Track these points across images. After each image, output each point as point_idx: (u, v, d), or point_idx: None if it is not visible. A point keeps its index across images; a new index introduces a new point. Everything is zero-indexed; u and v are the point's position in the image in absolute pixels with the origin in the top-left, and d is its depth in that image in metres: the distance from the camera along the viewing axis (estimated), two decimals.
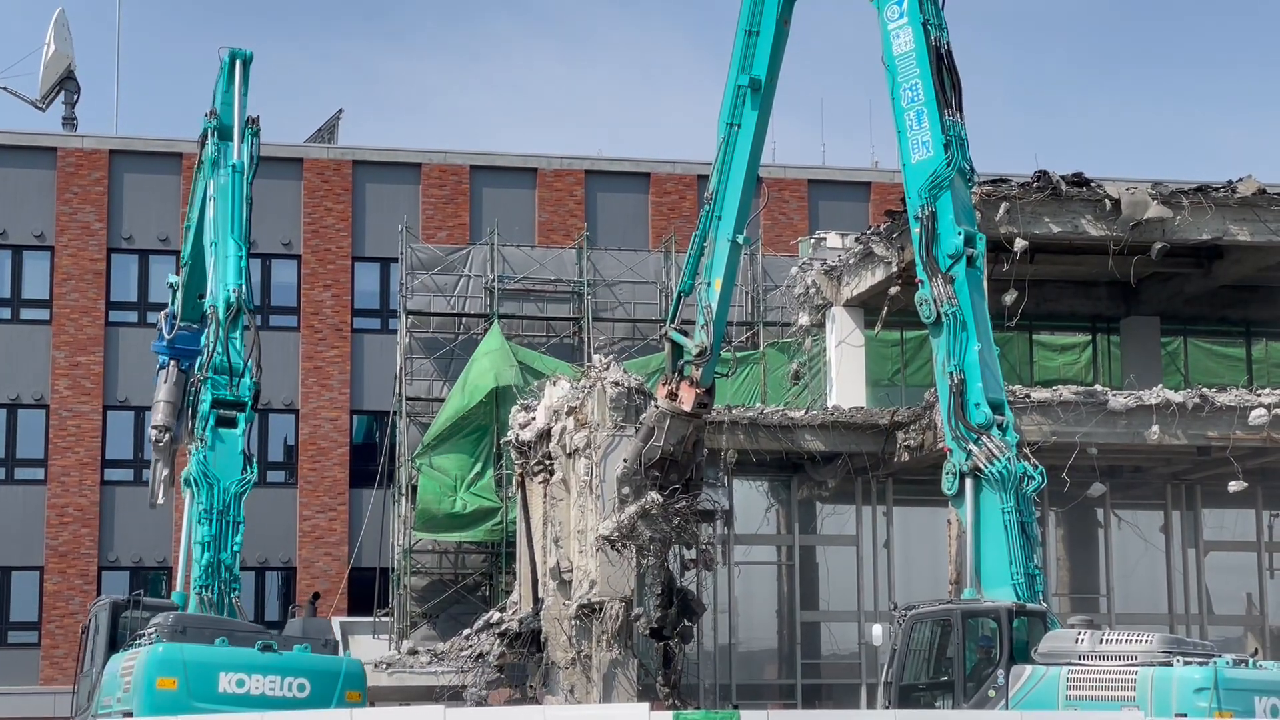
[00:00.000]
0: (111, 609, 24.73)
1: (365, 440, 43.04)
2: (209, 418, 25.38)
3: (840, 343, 35.36)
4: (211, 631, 23.40)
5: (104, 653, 24.41)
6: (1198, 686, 21.32)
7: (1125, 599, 34.70)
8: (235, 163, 26.77)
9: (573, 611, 29.81)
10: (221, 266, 26.05)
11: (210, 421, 25.28)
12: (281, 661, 23.17)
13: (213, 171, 26.80)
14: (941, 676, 23.51)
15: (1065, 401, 30.47)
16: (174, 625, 23.30)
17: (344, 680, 23.65)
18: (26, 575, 41.62)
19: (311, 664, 23.50)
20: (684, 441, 27.83)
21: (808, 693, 33.29)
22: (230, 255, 26.02)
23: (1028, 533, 23.75)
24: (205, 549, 24.88)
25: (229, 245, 26.14)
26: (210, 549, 24.85)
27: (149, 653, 22.79)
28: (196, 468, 25.13)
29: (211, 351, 25.52)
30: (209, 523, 24.92)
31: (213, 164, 26.83)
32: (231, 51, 27.66)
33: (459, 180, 44.09)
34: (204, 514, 24.97)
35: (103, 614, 25.03)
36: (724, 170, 27.10)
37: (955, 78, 25.21)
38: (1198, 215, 32.42)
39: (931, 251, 24.63)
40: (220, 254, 26.12)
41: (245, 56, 27.68)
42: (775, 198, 43.06)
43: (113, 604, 24.80)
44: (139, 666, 22.72)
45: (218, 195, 26.46)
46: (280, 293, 43.52)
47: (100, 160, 42.96)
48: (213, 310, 25.75)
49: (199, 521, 25.00)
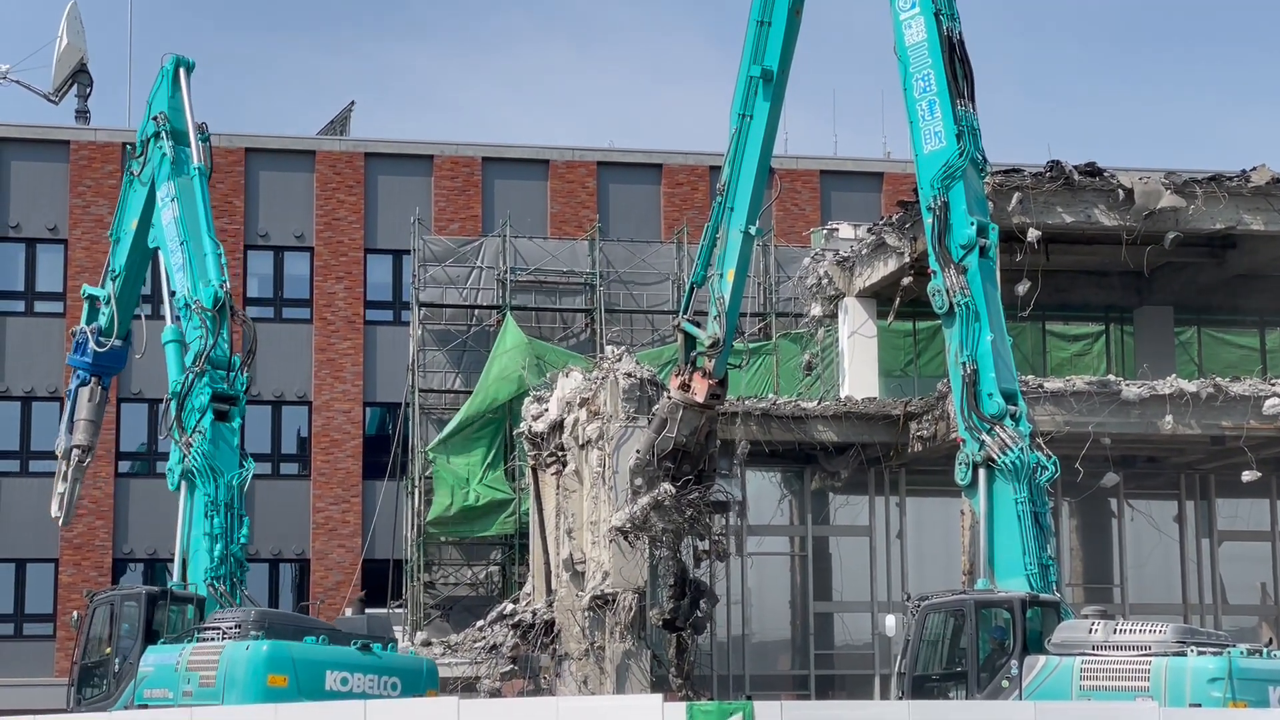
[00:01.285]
0: (148, 600, 24.72)
1: (378, 432, 43.09)
2: (207, 411, 25.39)
3: (853, 333, 35.34)
4: (294, 628, 23.84)
5: (140, 644, 24.35)
6: (1212, 676, 21.32)
7: (1139, 589, 34.67)
8: (199, 165, 27.03)
9: (586, 603, 29.84)
10: (199, 264, 26.17)
11: (209, 415, 25.37)
12: (377, 661, 23.66)
13: (169, 175, 26.83)
14: (955, 667, 23.52)
15: (1078, 391, 30.44)
16: (259, 621, 23.60)
17: (426, 678, 24.34)
18: (41, 567, 41.72)
19: (401, 663, 24.17)
20: (697, 433, 27.83)
21: (821, 683, 33.31)
22: (209, 253, 26.22)
23: (1041, 523, 23.75)
24: (216, 540, 25.01)
25: (205, 244, 26.33)
26: (221, 541, 24.97)
27: (255, 649, 22.83)
28: (200, 461, 25.21)
29: (209, 346, 25.56)
30: (217, 514, 25.05)
31: (169, 168, 26.85)
32: (175, 59, 27.94)
33: (471, 172, 44.10)
34: (210, 506, 25.11)
35: (129, 606, 24.96)
36: (736, 161, 27.10)
37: (967, 68, 25.19)
38: (1211, 205, 32.37)
39: (944, 242, 24.62)
40: (194, 253, 26.23)
41: (189, 64, 27.98)
42: (787, 188, 43.02)
43: (149, 595, 24.79)
44: (245, 662, 22.71)
45: (180, 198, 26.59)
46: (293, 285, 43.58)
47: (113, 153, 43.02)
48: (196, 305, 25.76)
49: (205, 514, 25.10)
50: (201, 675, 23.08)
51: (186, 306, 25.86)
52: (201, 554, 25.07)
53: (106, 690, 24.58)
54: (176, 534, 25.47)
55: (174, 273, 26.33)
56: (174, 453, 25.59)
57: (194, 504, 25.30)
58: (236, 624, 23.57)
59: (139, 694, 23.81)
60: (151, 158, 27.30)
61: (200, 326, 25.76)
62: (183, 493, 25.33)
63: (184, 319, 26.11)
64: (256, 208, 43.35)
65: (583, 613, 30.03)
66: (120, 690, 24.32)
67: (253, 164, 43.45)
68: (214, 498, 25.09)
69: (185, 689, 23.13)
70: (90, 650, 25.19)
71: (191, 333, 25.94)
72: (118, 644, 24.71)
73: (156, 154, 27.19)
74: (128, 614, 24.90)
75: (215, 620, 24.10)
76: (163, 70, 27.91)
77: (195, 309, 25.76)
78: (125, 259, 28.32)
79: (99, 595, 25.72)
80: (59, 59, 45.93)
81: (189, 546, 25.19)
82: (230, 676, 22.73)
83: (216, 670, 22.90)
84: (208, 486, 25.15)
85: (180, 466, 25.38)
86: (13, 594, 42.07)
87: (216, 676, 22.85)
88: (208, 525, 25.07)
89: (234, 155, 43.30)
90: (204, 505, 25.14)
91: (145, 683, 23.83)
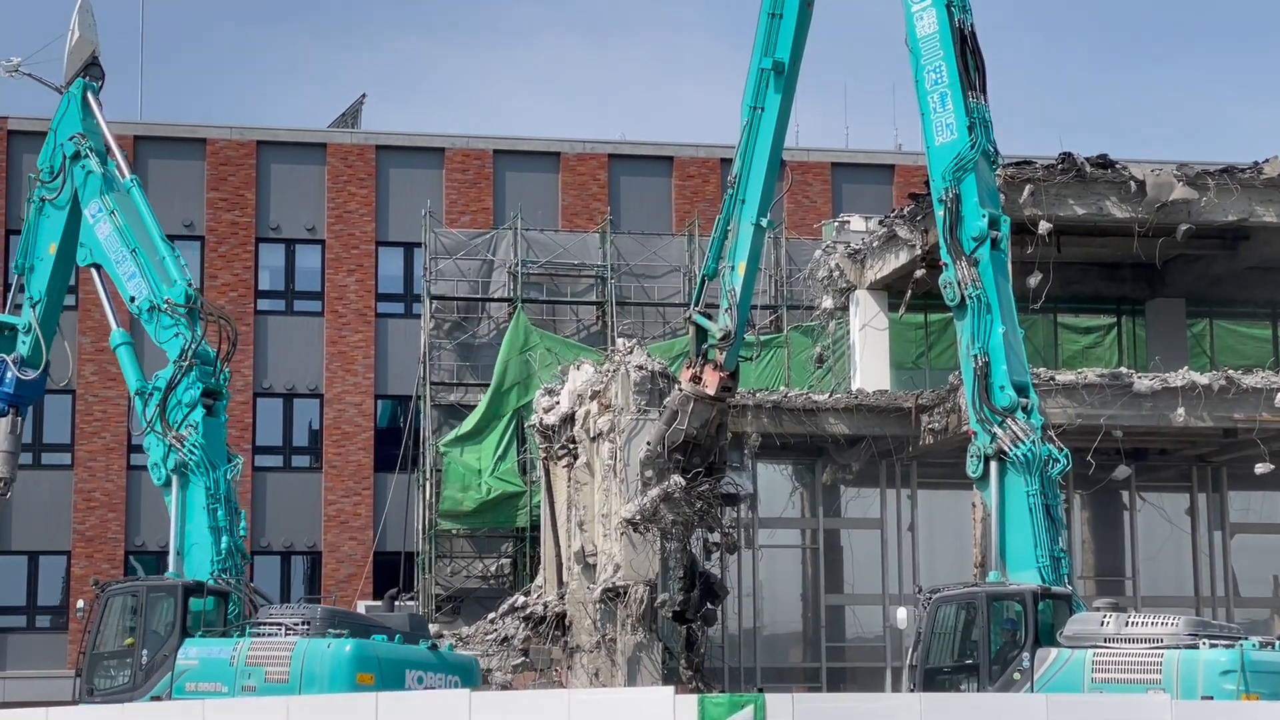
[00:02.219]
0: (185, 592, 24.83)
1: (389, 425, 43.12)
2: (197, 405, 25.63)
3: (864, 326, 35.34)
4: (360, 625, 24.13)
5: (176, 636, 24.40)
6: (1224, 669, 21.29)
7: (1151, 582, 34.66)
8: (132, 176, 27.45)
9: (597, 595, 29.87)
10: (157, 268, 26.38)
11: (200, 409, 25.62)
12: (442, 660, 24.01)
13: (99, 191, 27.06)
14: (966, 660, 23.51)
15: (1090, 384, 30.41)
16: (328, 618, 23.88)
17: (475, 676, 24.71)
18: (54, 560, 41.80)
19: (458, 661, 24.49)
20: (707, 425, 27.84)
21: (832, 676, 33.32)
22: (166, 255, 26.47)
23: (1053, 515, 23.73)
24: (220, 534, 25.23)
25: (159, 248, 26.58)
26: (225, 533, 25.20)
27: (340, 647, 23.06)
28: (198, 454, 25.39)
29: (195, 340, 25.80)
30: (219, 506, 25.30)
31: (99, 184, 27.10)
32: (82, 83, 28.66)
33: (482, 165, 44.09)
34: (211, 498, 25.33)
35: (160, 597, 24.99)
36: (747, 154, 27.10)
37: (979, 60, 25.15)
38: (1223, 196, 32.32)
39: (955, 234, 24.60)
40: (149, 258, 26.45)
41: (95, 87, 28.64)
42: (798, 181, 42.96)
43: (185, 587, 24.85)
44: (330, 660, 22.89)
45: (120, 210, 26.82)
46: (304, 278, 43.60)
47: (125, 146, 42.84)
48: (169, 304, 25.96)
49: (207, 507, 25.30)
50: (268, 670, 23.25)
51: (153, 309, 26.04)
52: (205, 547, 25.18)
53: (131, 682, 24.50)
54: (171, 528, 25.57)
55: (124, 282, 26.53)
56: (157, 449, 25.70)
57: (190, 498, 25.43)
58: (304, 621, 23.83)
59: (178, 687, 23.85)
60: (73, 178, 27.54)
61: (175, 325, 25.96)
62: (175, 487, 25.46)
63: (151, 321, 26.24)
64: (268, 200, 43.38)
65: (594, 605, 30.06)
66: (151, 683, 24.29)
67: (264, 157, 43.47)
68: (214, 490, 25.27)
69: (246, 684, 23.24)
70: (104, 640, 25.17)
71: (164, 332, 26.10)
72: (143, 635, 24.67)
73: (80, 174, 27.46)
74: (158, 606, 24.94)
75: (272, 616, 24.33)
76: (67, 95, 28.66)
77: (168, 309, 25.94)
78: (47, 284, 28.32)
79: (113, 585, 25.69)
80: (70, 52, 45.78)
81: (186, 540, 25.32)
82: (310, 673, 22.90)
83: (290, 666, 23.08)
84: (207, 479, 25.35)
85: (170, 461, 25.52)
86: (24, 586, 42.16)
87: (291, 672, 23.03)
88: (210, 518, 25.24)
89: (245, 148, 43.34)
90: (205, 498, 25.30)
91: (188, 676, 23.87)
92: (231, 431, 42.31)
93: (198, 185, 43.08)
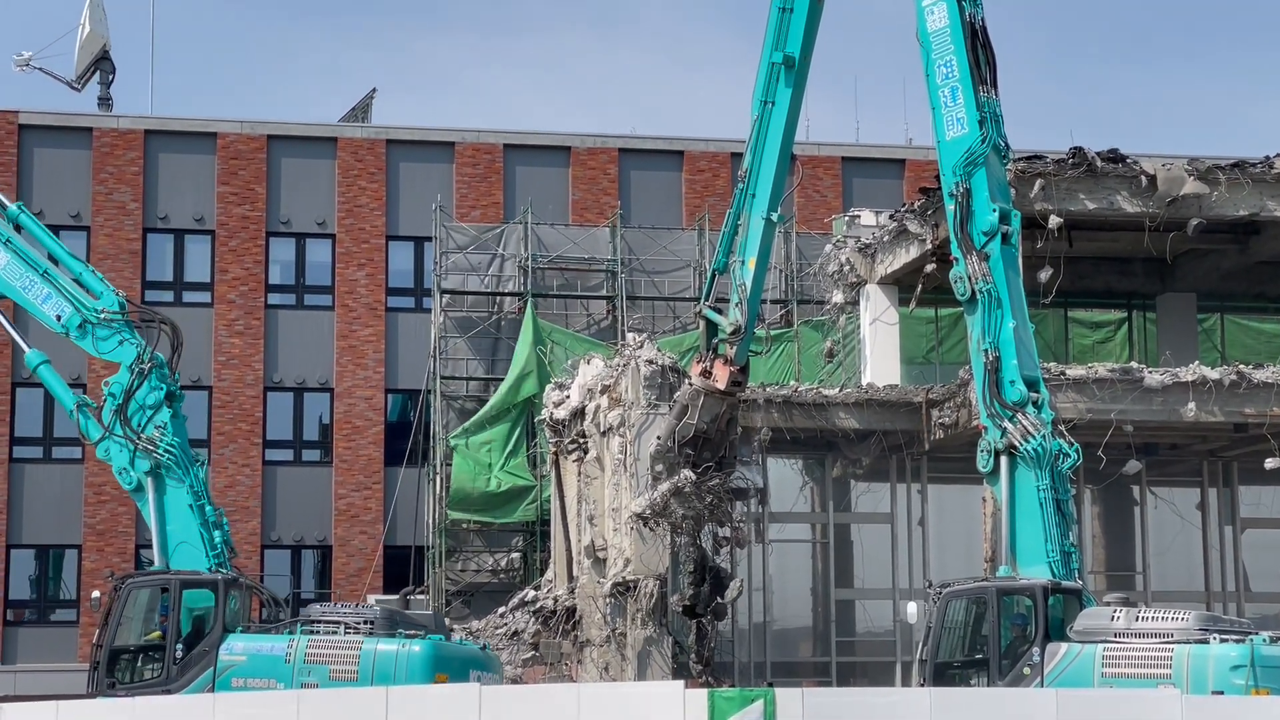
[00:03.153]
0: (224, 586, 24.97)
1: (400, 419, 43.15)
2: (161, 407, 25.91)
3: (874, 320, 35.32)
4: (410, 624, 24.62)
5: (218, 631, 24.53)
6: (1234, 664, 21.30)
7: (1161, 576, 34.62)
8: (17, 204, 27.78)
9: (607, 589, 29.89)
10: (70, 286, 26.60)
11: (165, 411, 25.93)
12: (488, 658, 25.00)
13: None
14: (977, 654, 23.52)
15: (1101, 379, 30.39)
16: (389, 617, 24.46)
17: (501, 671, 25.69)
18: (65, 553, 41.88)
19: (492, 659, 25.37)
20: (718, 419, 27.85)
21: (842, 670, 33.32)
22: (81, 271, 26.82)
23: (1063, 510, 23.73)
24: (210, 529, 25.66)
25: (71, 265, 26.92)
26: (215, 528, 25.48)
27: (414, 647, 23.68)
28: (176, 454, 25.65)
29: (150, 343, 26.11)
30: (207, 502, 25.76)
31: None
32: None
33: (492, 159, 44.11)
34: (194, 495, 25.66)
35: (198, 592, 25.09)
36: (758, 148, 27.09)
37: (990, 54, 25.15)
38: (1234, 191, 32.27)
39: (966, 229, 24.59)
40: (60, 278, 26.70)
41: None
42: (809, 175, 42.92)
43: (225, 581, 25.07)
44: (407, 660, 23.50)
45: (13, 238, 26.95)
46: (315, 272, 43.65)
47: (135, 140, 43.12)
48: (104, 315, 26.25)
49: (191, 505, 25.60)
50: (333, 668, 23.71)
51: (84, 324, 26.20)
52: (195, 544, 25.40)
53: (164, 676, 24.51)
54: (152, 529, 25.71)
55: (40, 306, 26.77)
56: (121, 455, 25.90)
57: (171, 498, 25.73)
58: (367, 620, 24.32)
59: (223, 682, 23.97)
60: None
61: (117, 333, 26.24)
62: (150, 490, 25.66)
63: (85, 336, 26.46)
64: (278, 195, 43.42)
65: (604, 599, 30.07)
66: (189, 677, 24.33)
67: (274, 151, 43.50)
68: (196, 488, 25.59)
69: (306, 681, 23.55)
70: (125, 634, 25.18)
71: (105, 343, 26.36)
72: (176, 629, 24.69)
73: None
74: (194, 600, 25.03)
75: (326, 614, 24.66)
76: None
77: (105, 319, 26.09)
78: None
79: (135, 578, 25.66)
80: (81, 46, 46.03)
81: (170, 539, 25.46)
82: (383, 672, 23.46)
83: (359, 665, 23.60)
84: (188, 478, 25.64)
85: (141, 465, 25.71)
86: (36, 580, 42.24)
87: (361, 671, 23.56)
88: (199, 515, 25.57)
89: (256, 142, 43.38)
90: (190, 496, 25.61)
91: (234, 671, 24.07)
92: (242, 426, 42.62)
93: (209, 179, 43.13)
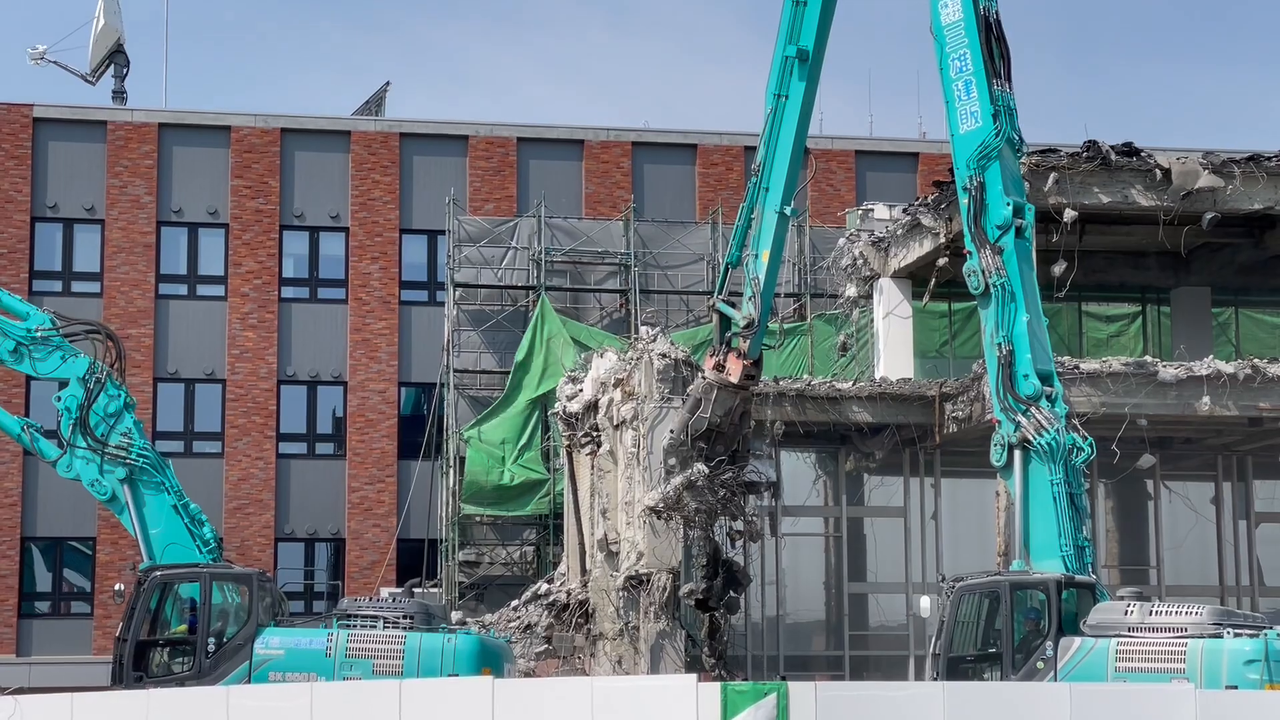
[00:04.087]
0: (260, 581, 25.16)
1: (413, 412, 43.18)
2: (122, 415, 26.04)
3: (888, 314, 35.30)
4: (436, 618, 25.09)
5: (252, 624, 24.64)
6: (1248, 658, 21.27)
7: (1175, 571, 34.57)
8: None
9: (620, 583, 29.90)
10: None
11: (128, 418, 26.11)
12: (510, 652, 25.55)
13: None
14: (990, 648, 23.51)
15: (1115, 373, 30.34)
16: (425, 611, 24.86)
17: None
18: (80, 546, 41.96)
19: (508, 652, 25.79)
20: (731, 413, 27.84)
21: (855, 664, 33.31)
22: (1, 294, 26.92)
23: (1077, 504, 23.70)
24: (199, 524, 25.92)
25: None
26: (203, 524, 25.79)
27: (462, 641, 24.11)
28: (150, 457, 25.89)
29: (98, 354, 26.29)
30: (187, 501, 26.02)
31: None
32: None
33: (506, 152, 44.10)
34: (176, 496, 25.88)
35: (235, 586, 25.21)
36: (771, 142, 27.07)
37: (1004, 47, 25.12)
38: (1249, 185, 32.21)
39: (980, 222, 24.57)
40: None
41: None
42: (822, 169, 42.87)
43: (260, 576, 25.33)
44: (453, 654, 23.88)
45: None
46: (328, 265, 43.67)
47: (150, 134, 43.15)
48: (40, 332, 26.32)
49: (175, 505, 25.80)
50: (376, 662, 23.94)
51: (18, 347, 26.33)
52: (187, 543, 25.59)
53: (195, 669, 24.58)
54: (137, 534, 25.82)
55: None
56: (88, 469, 25.95)
57: (153, 500, 25.80)
58: (406, 615, 24.63)
59: (259, 675, 24.10)
60: None
61: (57, 349, 26.27)
62: (128, 498, 25.77)
63: (22, 359, 26.42)
64: (292, 188, 43.44)
65: (617, 593, 30.08)
66: (223, 671, 24.40)
67: (288, 144, 43.53)
68: (174, 487, 25.90)
69: (349, 675, 23.73)
70: (156, 627, 25.24)
71: (45, 363, 26.30)
72: (207, 622, 24.78)
73: None
74: (230, 594, 25.19)
75: (361, 608, 24.87)
76: None
77: (39, 339, 26.29)
78: None
79: (167, 571, 25.66)
80: (96, 40, 46.07)
81: (158, 542, 25.58)
82: (429, 666, 23.78)
83: (404, 659, 23.88)
84: (169, 479, 25.88)
85: (115, 474, 25.81)
86: (51, 573, 42.34)
87: (406, 665, 23.86)
88: (185, 515, 25.78)
89: (269, 135, 43.41)
90: (172, 497, 25.85)
91: (272, 665, 24.20)
92: (255, 419, 42.68)
93: (222, 173, 43.16)
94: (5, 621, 41.14)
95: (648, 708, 19.00)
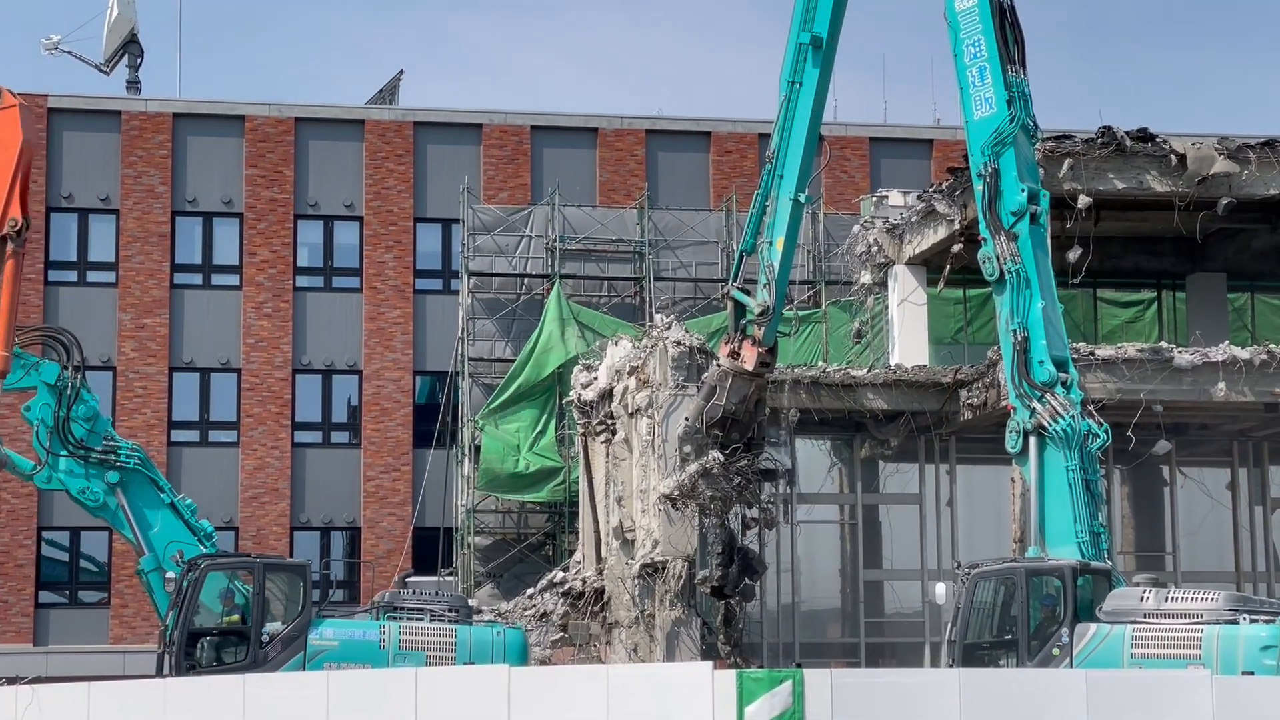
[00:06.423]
0: (305, 572, 25.22)
1: (428, 400, 43.22)
2: (97, 417, 26.06)
3: (902, 301, 35.26)
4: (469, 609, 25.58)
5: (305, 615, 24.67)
6: (1264, 644, 21.25)
7: (1191, 557, 34.54)
8: None
9: (635, 571, 29.91)
10: None
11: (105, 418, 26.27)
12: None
13: None
14: (1005, 635, 23.49)
15: (1130, 359, 30.29)
16: (464, 604, 25.35)
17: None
18: (96, 535, 42.04)
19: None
20: (746, 400, 27.82)
21: (871, 651, 33.32)
22: None
23: (1092, 491, 23.67)
24: (195, 515, 26.16)
25: None
26: (196, 516, 26.13)
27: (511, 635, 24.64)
28: (139, 455, 25.97)
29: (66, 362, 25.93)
30: (179, 496, 26.17)
31: None
32: None
33: (520, 141, 44.10)
34: (168, 493, 26.01)
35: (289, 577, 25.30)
36: (785, 129, 27.03)
37: (1018, 33, 25.07)
38: (1265, 170, 32.13)
39: (994, 209, 24.53)
40: None
41: None
42: (837, 156, 42.82)
43: (304, 567, 25.36)
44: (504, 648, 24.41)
45: None
46: (343, 254, 43.72)
47: (164, 123, 43.21)
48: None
49: (168, 503, 25.91)
50: (428, 654, 24.24)
51: None
52: (189, 539, 25.84)
53: (249, 659, 24.58)
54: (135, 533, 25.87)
55: None
56: (74, 479, 25.80)
57: (148, 498, 25.87)
58: (453, 608, 24.96)
59: (315, 665, 24.13)
60: None
61: (16, 359, 25.81)
62: (121, 500, 25.83)
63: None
64: (306, 177, 43.48)
65: (632, 580, 30.10)
66: (277, 662, 24.42)
67: (302, 134, 43.56)
68: (162, 483, 26.07)
69: (403, 667, 23.81)
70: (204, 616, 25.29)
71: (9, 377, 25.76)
72: (260, 613, 24.77)
73: None
74: (283, 585, 25.18)
75: (405, 600, 25.10)
76: None
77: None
78: None
79: (216, 560, 25.63)
80: (110, 29, 46.12)
81: (158, 541, 25.67)
82: (480, 658, 24.10)
83: (455, 651, 24.33)
84: (158, 476, 26.07)
85: (105, 477, 25.82)
86: (67, 562, 42.45)
87: (458, 658, 24.23)
88: (184, 511, 26.03)
89: (284, 125, 43.44)
90: (168, 495, 25.95)
91: (327, 656, 24.29)
92: (270, 408, 42.76)
93: (236, 162, 43.21)
94: (22, 611, 41.27)
95: (664, 695, 19.02)
